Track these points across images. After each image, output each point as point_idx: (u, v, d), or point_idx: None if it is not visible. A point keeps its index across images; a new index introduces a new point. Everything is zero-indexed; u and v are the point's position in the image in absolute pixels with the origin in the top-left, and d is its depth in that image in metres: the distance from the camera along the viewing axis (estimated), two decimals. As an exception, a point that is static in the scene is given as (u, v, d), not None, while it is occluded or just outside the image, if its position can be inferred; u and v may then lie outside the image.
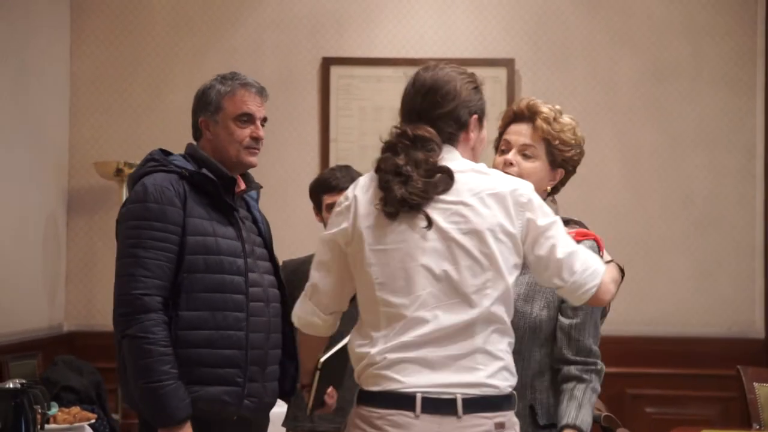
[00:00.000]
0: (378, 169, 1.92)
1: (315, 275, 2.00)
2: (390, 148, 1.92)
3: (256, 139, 2.43)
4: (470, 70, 2.01)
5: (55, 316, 4.43)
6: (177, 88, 4.51)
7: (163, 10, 4.58)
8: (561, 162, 2.19)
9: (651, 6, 4.49)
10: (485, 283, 1.86)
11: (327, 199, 2.92)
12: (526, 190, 1.93)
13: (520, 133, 2.17)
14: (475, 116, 1.97)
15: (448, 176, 1.89)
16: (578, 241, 2.07)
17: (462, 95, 1.94)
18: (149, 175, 2.34)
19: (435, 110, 1.93)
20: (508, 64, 4.47)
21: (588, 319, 2.16)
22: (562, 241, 1.93)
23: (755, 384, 3.25)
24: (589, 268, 1.94)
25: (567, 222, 2.18)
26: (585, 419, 2.10)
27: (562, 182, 2.24)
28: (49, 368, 3.61)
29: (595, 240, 2.21)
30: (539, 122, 2.15)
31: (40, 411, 2.47)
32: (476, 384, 1.85)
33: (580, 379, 2.13)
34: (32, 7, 4.22)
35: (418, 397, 1.83)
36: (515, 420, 1.93)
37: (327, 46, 4.54)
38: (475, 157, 1.99)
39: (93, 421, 3.13)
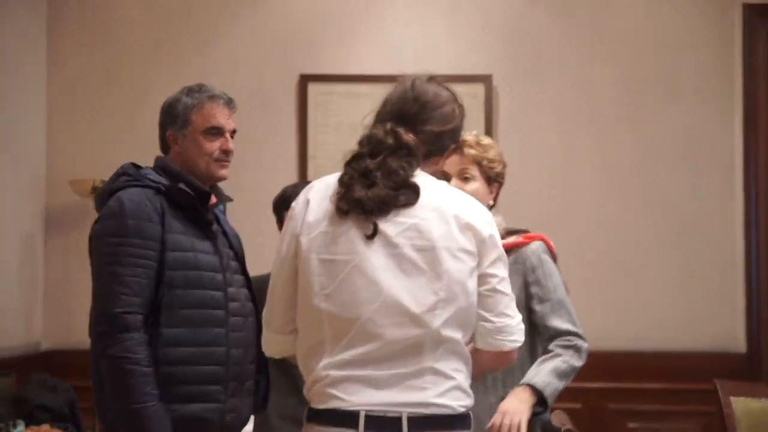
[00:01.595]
0: (348, 164, 1.87)
1: (275, 293, 1.93)
2: (369, 144, 1.86)
3: (226, 152, 2.42)
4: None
5: (33, 334, 4.39)
6: (154, 104, 4.35)
7: (139, 26, 4.57)
8: (494, 177, 2.45)
9: (626, 19, 4.52)
10: (436, 303, 1.81)
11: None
12: (489, 221, 1.90)
13: (453, 162, 2.35)
14: (453, 146, 1.96)
15: (413, 192, 1.84)
16: (526, 243, 2.36)
17: (454, 122, 1.93)
18: (124, 190, 2.30)
19: (426, 125, 1.88)
20: (485, 80, 4.47)
21: (555, 305, 2.33)
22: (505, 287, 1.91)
23: (732, 398, 3.23)
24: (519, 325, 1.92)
25: (513, 232, 2.41)
26: (541, 380, 2.16)
27: (496, 196, 2.49)
28: (22, 386, 3.56)
29: (542, 239, 2.41)
30: (466, 149, 2.40)
31: (2, 429, 2.42)
32: (423, 403, 1.80)
33: (551, 353, 2.26)
34: (7, 23, 4.20)
35: (362, 414, 1.78)
36: None
37: (304, 62, 4.53)
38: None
39: (63, 438, 3.08)
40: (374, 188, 1.81)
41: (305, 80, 4.52)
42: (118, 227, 2.25)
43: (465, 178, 2.39)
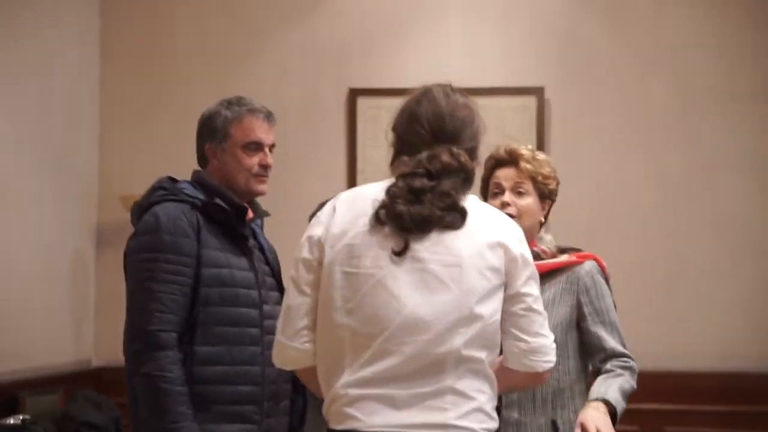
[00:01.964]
0: (402, 176, 1.78)
1: (292, 299, 1.83)
2: (431, 164, 1.77)
3: (265, 167, 2.37)
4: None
5: (83, 350, 4.40)
6: None
7: (189, 41, 4.59)
8: (548, 194, 2.42)
9: (681, 26, 4.40)
10: (459, 321, 1.73)
11: None
12: (521, 238, 1.84)
13: (507, 176, 2.38)
14: (477, 162, 1.88)
15: (460, 215, 1.77)
16: (580, 262, 2.34)
17: (479, 138, 1.86)
18: (159, 205, 2.27)
19: (465, 143, 1.82)
20: (537, 92, 4.39)
21: (609, 326, 2.31)
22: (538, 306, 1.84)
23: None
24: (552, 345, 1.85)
25: (565, 250, 2.40)
26: (613, 396, 2.13)
27: (548, 213, 2.46)
28: (69, 404, 3.57)
29: (595, 260, 2.38)
30: (523, 164, 2.38)
31: None
32: (443, 425, 1.71)
33: (612, 372, 2.23)
34: (61, 39, 4.24)
35: None
36: None
37: (354, 76, 4.50)
38: None
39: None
40: (417, 206, 1.75)
41: (354, 94, 4.48)
42: (153, 243, 2.22)
43: (519, 193, 2.37)
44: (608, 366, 2.26)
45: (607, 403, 2.13)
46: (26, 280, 3.88)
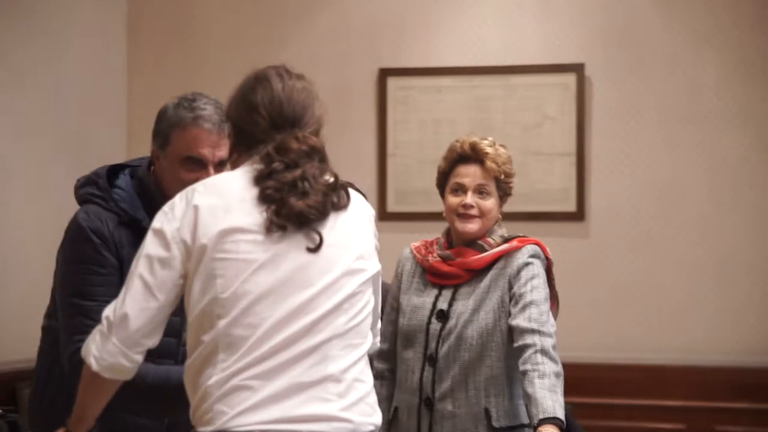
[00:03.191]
0: (262, 176, 1.68)
1: (131, 301, 1.66)
2: (281, 154, 1.69)
3: None
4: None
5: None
6: None
7: (218, 25, 4.46)
8: (508, 192, 2.39)
9: (740, 5, 4.10)
10: (341, 304, 1.66)
11: None
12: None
13: (471, 174, 2.33)
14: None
15: (345, 193, 1.74)
16: (519, 247, 2.30)
17: (322, 117, 1.81)
18: (86, 206, 2.08)
19: (308, 126, 1.76)
20: (577, 69, 4.16)
21: (525, 304, 2.23)
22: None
23: None
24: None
25: (509, 239, 2.34)
26: (560, 412, 2.08)
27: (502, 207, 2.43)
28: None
29: (537, 244, 2.33)
30: (489, 164, 2.33)
31: None
32: (326, 416, 1.60)
33: (526, 374, 2.13)
34: (86, 26, 4.13)
35: None
36: None
37: (384, 56, 4.32)
38: None
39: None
40: (312, 196, 1.68)
41: (384, 74, 4.31)
42: (79, 253, 2.03)
43: (481, 193, 2.34)
44: (521, 367, 2.17)
45: (559, 422, 2.06)
46: (35, 271, 3.78)
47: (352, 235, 1.73)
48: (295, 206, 1.66)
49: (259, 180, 1.69)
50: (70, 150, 3.91)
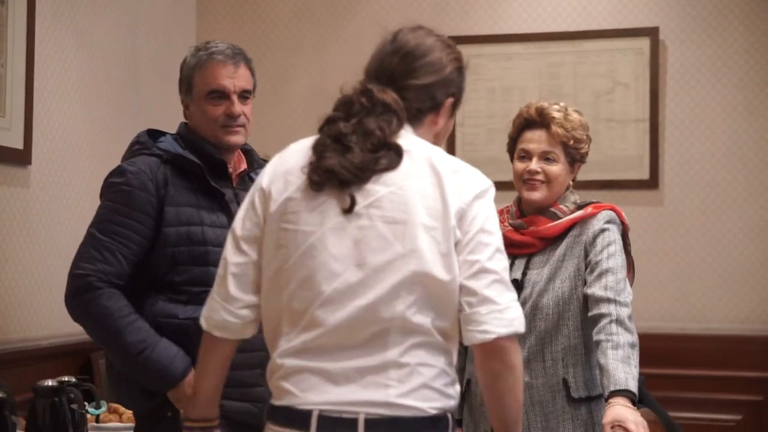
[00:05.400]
0: (320, 130, 1.65)
1: (229, 258, 1.67)
2: (343, 107, 1.64)
3: (231, 116, 2.19)
4: (455, 47, 1.78)
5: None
6: (300, 77, 4.39)
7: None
8: (579, 158, 2.32)
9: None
10: (400, 284, 1.56)
11: None
12: (489, 191, 1.65)
13: (537, 140, 2.28)
14: (451, 100, 1.72)
15: (395, 154, 1.60)
16: (595, 213, 2.25)
17: (445, 72, 1.70)
18: (130, 159, 2.19)
19: (410, 79, 1.67)
20: (651, 33, 4.06)
21: (601, 272, 2.18)
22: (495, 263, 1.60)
23: None
24: (508, 309, 1.57)
25: (583, 206, 2.29)
26: (633, 384, 2.04)
27: (576, 176, 2.37)
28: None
29: (612, 209, 2.28)
30: (555, 128, 2.26)
31: (80, 410, 2.38)
32: (384, 403, 1.55)
33: (599, 345, 2.10)
34: (157, 3, 4.18)
35: (314, 414, 1.56)
36: None
37: (452, 24, 4.28)
38: (437, 143, 1.72)
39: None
40: (348, 153, 1.59)
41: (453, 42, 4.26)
42: (112, 193, 2.15)
43: (547, 159, 2.28)
44: (594, 337, 2.13)
45: (631, 394, 2.03)
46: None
47: (408, 206, 1.58)
48: (326, 163, 1.59)
49: (318, 132, 1.66)
50: (140, 124, 3.98)
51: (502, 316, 1.56)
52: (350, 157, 1.59)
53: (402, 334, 1.57)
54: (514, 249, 2.30)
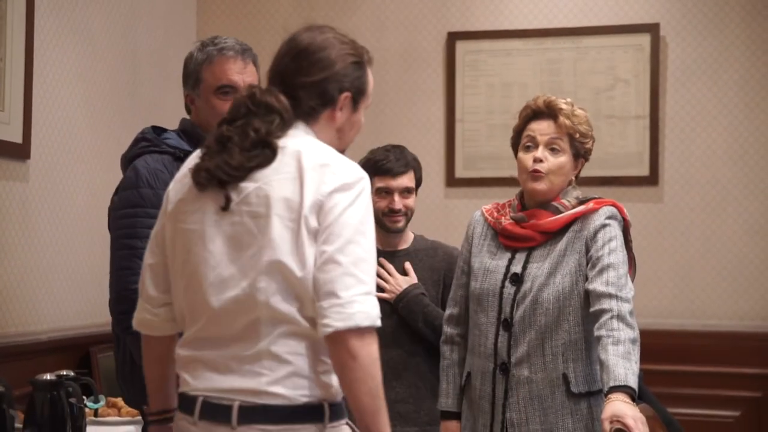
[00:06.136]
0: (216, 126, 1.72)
1: (145, 259, 1.80)
2: (232, 110, 1.70)
3: None
4: (355, 43, 1.77)
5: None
6: None
7: (284, -11, 4.46)
8: (583, 153, 2.32)
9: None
10: (262, 275, 1.61)
11: (377, 182, 2.70)
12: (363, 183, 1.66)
13: (543, 129, 2.28)
14: (347, 94, 1.73)
15: (270, 152, 1.65)
16: (596, 209, 2.24)
17: (336, 67, 1.72)
18: (141, 158, 2.18)
19: (299, 77, 1.71)
20: (651, 29, 4.06)
21: (602, 267, 2.17)
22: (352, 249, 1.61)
23: None
24: (352, 303, 1.58)
25: (585, 201, 2.29)
26: (632, 380, 2.03)
27: (579, 172, 2.37)
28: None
29: (614, 205, 2.27)
30: (562, 119, 2.27)
31: (78, 405, 2.39)
32: (257, 391, 1.61)
33: (599, 340, 2.08)
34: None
35: (199, 400, 1.65)
36: None
37: (452, 19, 4.27)
38: (341, 139, 1.76)
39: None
40: (226, 155, 1.65)
41: (453, 38, 4.26)
42: (134, 198, 2.14)
43: (553, 149, 2.28)
44: (595, 333, 2.12)
45: (631, 390, 2.01)
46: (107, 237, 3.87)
47: (273, 200, 1.63)
48: (206, 164, 1.66)
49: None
50: (139, 119, 3.98)
51: (343, 310, 1.57)
52: (226, 158, 1.65)
53: (272, 324, 1.62)
54: (514, 242, 2.30)
